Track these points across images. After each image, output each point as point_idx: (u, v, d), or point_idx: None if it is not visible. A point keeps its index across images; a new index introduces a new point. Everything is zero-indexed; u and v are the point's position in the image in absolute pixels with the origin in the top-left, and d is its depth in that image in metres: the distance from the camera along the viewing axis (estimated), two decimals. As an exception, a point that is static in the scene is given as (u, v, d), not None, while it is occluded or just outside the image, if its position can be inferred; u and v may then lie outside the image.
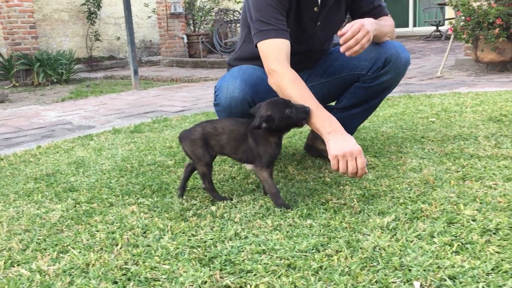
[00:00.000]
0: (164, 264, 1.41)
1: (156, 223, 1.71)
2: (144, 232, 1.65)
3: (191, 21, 11.13)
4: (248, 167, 1.88)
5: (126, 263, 1.44)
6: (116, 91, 6.79)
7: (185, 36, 10.56)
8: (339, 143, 1.72)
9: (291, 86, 1.84)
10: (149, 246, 1.54)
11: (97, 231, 1.69)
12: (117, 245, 1.56)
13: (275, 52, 1.90)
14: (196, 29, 11.22)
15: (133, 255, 1.48)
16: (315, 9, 2.07)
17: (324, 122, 1.78)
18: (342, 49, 1.80)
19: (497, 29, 5.02)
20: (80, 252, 1.53)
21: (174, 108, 4.77)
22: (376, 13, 2.15)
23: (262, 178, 1.83)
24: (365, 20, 1.86)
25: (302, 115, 1.77)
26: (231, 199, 1.90)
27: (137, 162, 2.57)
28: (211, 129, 1.85)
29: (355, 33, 1.79)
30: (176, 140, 3.05)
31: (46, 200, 2.07)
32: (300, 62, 2.20)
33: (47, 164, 2.69)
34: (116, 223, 1.75)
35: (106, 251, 1.53)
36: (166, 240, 1.57)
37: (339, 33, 1.81)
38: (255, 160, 1.83)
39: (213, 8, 11.23)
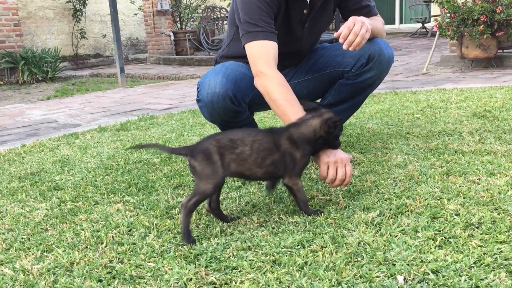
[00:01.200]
0: (149, 262, 1.41)
1: (141, 221, 1.71)
2: (130, 230, 1.65)
3: (178, 19, 11.08)
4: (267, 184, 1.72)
5: (111, 261, 1.43)
6: (102, 89, 6.73)
7: (172, 34, 10.51)
8: (331, 151, 1.73)
9: (278, 89, 1.83)
10: (134, 244, 1.53)
11: (82, 229, 1.68)
12: (102, 243, 1.55)
13: (263, 54, 1.89)
14: (183, 27, 11.18)
15: (118, 253, 1.47)
16: (304, 11, 2.08)
17: None
18: (344, 46, 1.80)
19: (482, 26, 5.07)
20: (64, 250, 1.52)
21: (160, 106, 4.75)
22: (365, 12, 2.15)
23: (297, 188, 1.65)
24: (357, 17, 1.88)
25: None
26: (194, 242, 1.52)
27: (122, 160, 2.55)
28: (228, 142, 1.57)
29: (351, 28, 1.79)
30: (163, 138, 3.04)
31: (30, 199, 2.05)
32: (286, 61, 2.21)
33: (32, 163, 2.67)
34: (101, 221, 1.74)
35: (90, 249, 1.52)
36: (152, 238, 1.56)
37: (335, 35, 1.81)
38: (281, 173, 1.64)
39: (200, 5, 11.19)
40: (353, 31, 1.79)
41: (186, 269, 1.35)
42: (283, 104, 1.80)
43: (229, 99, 1.98)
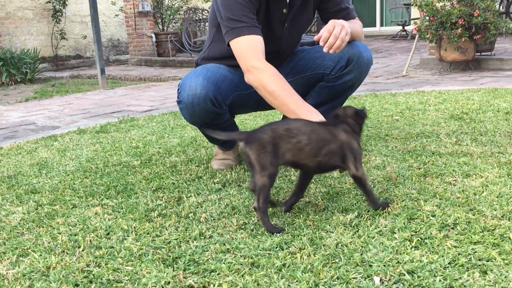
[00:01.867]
0: (127, 266, 1.40)
1: (120, 224, 1.69)
2: (108, 234, 1.63)
3: (160, 20, 11.02)
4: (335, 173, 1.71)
5: (88, 265, 1.42)
6: (82, 90, 6.66)
7: (153, 35, 10.45)
8: None
9: (273, 80, 1.85)
10: (112, 247, 1.52)
11: (59, 233, 1.66)
12: (79, 247, 1.54)
13: (251, 48, 1.89)
14: (165, 28, 11.12)
15: (96, 257, 1.46)
16: (284, 10, 2.08)
17: (312, 114, 1.82)
18: (325, 49, 1.81)
19: (460, 29, 5.16)
20: (40, 255, 1.50)
21: (141, 107, 4.72)
22: (344, 15, 2.16)
23: (365, 178, 1.64)
24: (336, 20, 1.90)
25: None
26: (283, 230, 1.56)
27: (102, 163, 2.53)
28: (284, 131, 1.58)
29: (331, 31, 1.81)
30: (143, 140, 3.02)
31: (6, 202, 2.02)
32: (268, 62, 2.22)
33: (9, 165, 2.63)
34: (79, 225, 1.72)
35: (67, 253, 1.50)
36: (130, 241, 1.55)
37: (316, 38, 1.82)
38: (335, 164, 1.64)
39: (181, 7, 11.15)
40: (333, 34, 1.81)
41: (164, 272, 1.34)
42: (281, 95, 1.82)
43: (210, 101, 1.98)
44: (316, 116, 1.81)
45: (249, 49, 1.89)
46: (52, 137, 3.34)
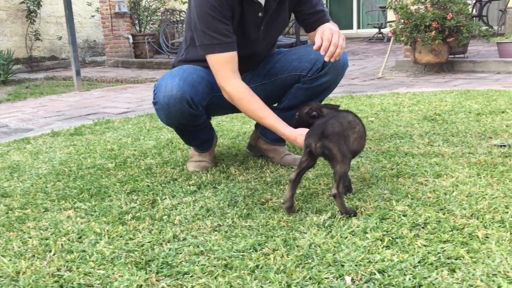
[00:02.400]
0: (99, 269, 1.38)
1: (92, 227, 1.68)
2: (80, 237, 1.61)
3: (137, 21, 10.92)
4: None
5: (58, 270, 1.40)
6: (57, 92, 6.56)
7: (130, 36, 10.35)
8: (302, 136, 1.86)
9: (240, 104, 2.01)
10: (84, 251, 1.50)
11: (30, 237, 1.63)
12: (50, 251, 1.52)
13: (221, 67, 1.99)
14: (142, 29, 11.03)
15: (67, 261, 1.44)
16: (260, 14, 2.09)
17: (279, 130, 1.97)
18: (326, 58, 1.83)
19: (433, 31, 5.25)
20: (10, 260, 1.48)
21: (117, 109, 4.68)
22: (319, 17, 2.17)
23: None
24: (326, 25, 1.94)
25: None
26: (355, 213, 1.65)
27: (75, 166, 2.50)
28: (347, 123, 1.72)
29: (330, 39, 1.83)
30: (118, 142, 2.99)
31: (-24, 207, 1.97)
32: (243, 65, 2.22)
33: (-21, 169, 2.57)
34: (50, 228, 1.70)
35: (38, 258, 1.48)
36: (102, 245, 1.54)
37: (315, 47, 1.82)
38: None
39: (159, 8, 11.07)
40: (333, 42, 1.82)
41: (137, 275, 1.33)
42: (254, 115, 2.01)
43: (186, 102, 1.98)
44: (290, 128, 1.95)
45: (219, 68, 1.99)
46: (25, 140, 3.28)
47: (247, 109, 2.01)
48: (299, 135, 1.88)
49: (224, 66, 1.98)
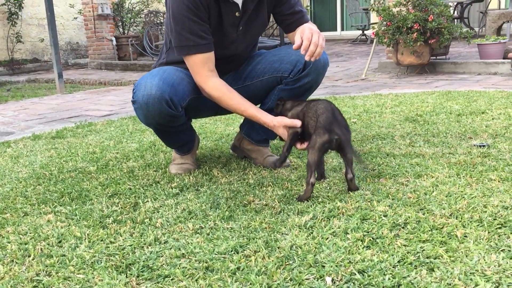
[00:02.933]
0: (78, 274, 1.37)
1: (73, 231, 1.66)
2: (60, 242, 1.60)
3: (120, 23, 10.84)
4: None
5: (37, 275, 1.38)
6: (39, 95, 6.49)
7: (113, 38, 10.27)
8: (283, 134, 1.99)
9: (220, 101, 2.06)
10: (63, 255, 1.49)
11: (9, 242, 1.61)
12: (29, 256, 1.50)
13: (199, 68, 2.03)
14: (126, 31, 10.95)
15: (46, 266, 1.42)
16: (237, 14, 2.09)
17: (259, 119, 2.02)
18: (307, 57, 1.85)
19: (415, 33, 5.30)
20: (-12, 265, 1.45)
21: (100, 112, 4.64)
22: (298, 18, 2.19)
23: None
24: (305, 25, 1.97)
25: None
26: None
27: (56, 169, 2.47)
28: (342, 119, 1.88)
29: (310, 39, 1.84)
30: (100, 145, 2.97)
31: (-47, 212, 1.94)
32: (224, 66, 2.22)
33: (-42, 173, 2.53)
34: (30, 233, 1.67)
35: (17, 263, 1.46)
36: (82, 249, 1.52)
37: (295, 46, 1.84)
38: None
39: (142, 10, 11.01)
40: (313, 42, 1.84)
41: (117, 279, 1.32)
42: (236, 109, 2.06)
43: (165, 102, 1.97)
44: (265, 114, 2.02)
45: (196, 68, 2.04)
46: (5, 143, 3.23)
47: (228, 105, 2.06)
48: (278, 121, 1.98)
49: (202, 67, 2.03)
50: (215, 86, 2.05)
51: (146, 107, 1.98)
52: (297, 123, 1.92)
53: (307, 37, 1.84)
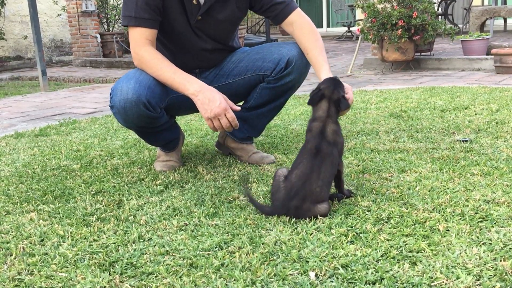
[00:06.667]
0: (61, 272, 1.36)
1: (55, 229, 1.64)
2: (42, 240, 1.58)
3: (105, 20, 10.75)
4: None
5: (19, 274, 1.36)
6: (22, 92, 6.40)
7: (98, 35, 10.17)
8: (207, 104, 1.90)
9: (150, 65, 1.99)
10: (46, 254, 1.47)
11: (-10, 241, 1.59)
12: (11, 255, 1.48)
13: (136, 38, 2.01)
14: (111, 28, 10.86)
15: (28, 265, 1.41)
16: (194, 2, 2.06)
17: (185, 85, 1.94)
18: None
19: (400, 30, 5.33)
20: (-32, 265, 1.43)
21: (84, 110, 4.59)
22: (283, 7, 2.14)
23: None
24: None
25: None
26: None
27: (39, 167, 2.44)
28: None
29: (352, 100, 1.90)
30: (84, 143, 2.94)
31: None
32: (198, 60, 2.20)
33: None
34: (12, 232, 1.65)
35: (-2, 262, 1.44)
36: (65, 247, 1.51)
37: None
38: None
39: (127, 7, 10.90)
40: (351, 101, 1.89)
41: (100, 277, 1.31)
42: (163, 73, 1.97)
43: (142, 105, 1.94)
44: (188, 84, 1.94)
45: (133, 39, 2.02)
46: (-13, 142, 3.19)
47: (157, 68, 1.98)
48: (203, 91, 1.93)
49: (143, 38, 2.00)
50: (150, 51, 2.00)
51: (124, 111, 1.96)
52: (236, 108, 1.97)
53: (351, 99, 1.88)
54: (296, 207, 1.58)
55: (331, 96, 1.75)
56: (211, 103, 1.89)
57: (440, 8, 9.60)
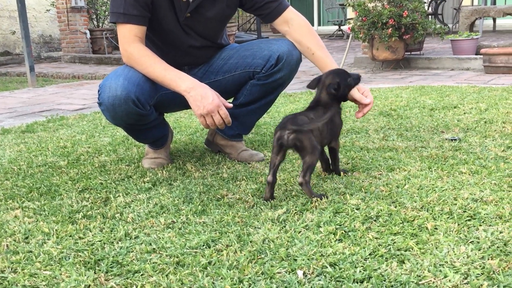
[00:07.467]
0: (45, 270, 1.33)
1: (40, 227, 1.62)
2: (26, 238, 1.55)
3: (95, 16, 10.66)
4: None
5: (2, 272, 1.34)
6: (10, 88, 6.33)
7: (87, 31, 10.09)
8: (199, 101, 1.88)
9: (140, 62, 1.97)
10: (30, 252, 1.45)
11: (-27, 239, 1.56)
12: (-6, 253, 1.45)
13: (124, 35, 1.99)
14: (100, 24, 10.77)
15: (12, 263, 1.38)
16: None
17: (177, 82, 1.92)
18: (360, 114, 2.13)
19: (390, 29, 5.35)
20: (-50, 263, 1.40)
21: (72, 106, 4.55)
22: (275, 6, 2.13)
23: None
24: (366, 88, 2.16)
25: (357, 82, 2.05)
26: (326, 196, 1.74)
27: (25, 164, 2.41)
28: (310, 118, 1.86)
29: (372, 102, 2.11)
30: (72, 140, 2.90)
31: None
32: (186, 57, 2.18)
33: None
34: (-4, 229, 1.63)
35: (-19, 260, 1.42)
36: (50, 245, 1.48)
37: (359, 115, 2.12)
38: None
39: (117, 3, 10.83)
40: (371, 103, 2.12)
41: (85, 275, 1.29)
42: (154, 69, 1.96)
43: (131, 102, 1.92)
44: (180, 81, 1.92)
45: (121, 36, 2.00)
46: (-27, 138, 3.14)
47: (147, 65, 1.96)
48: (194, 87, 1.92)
49: (132, 35, 1.98)
50: (140, 48, 1.98)
51: (113, 108, 1.94)
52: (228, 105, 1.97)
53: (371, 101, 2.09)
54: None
55: (325, 81, 1.97)
56: (203, 100, 1.87)
57: (430, 8, 9.64)
